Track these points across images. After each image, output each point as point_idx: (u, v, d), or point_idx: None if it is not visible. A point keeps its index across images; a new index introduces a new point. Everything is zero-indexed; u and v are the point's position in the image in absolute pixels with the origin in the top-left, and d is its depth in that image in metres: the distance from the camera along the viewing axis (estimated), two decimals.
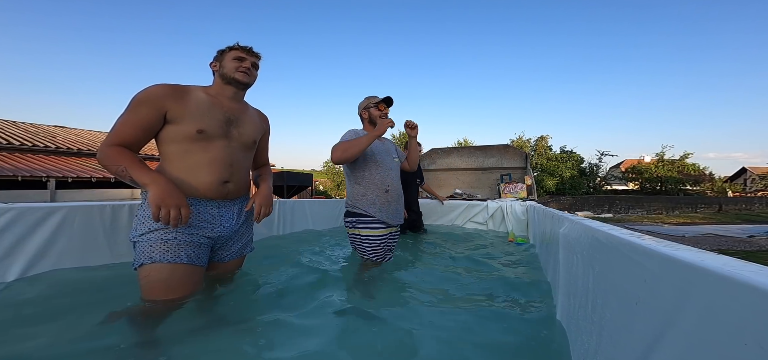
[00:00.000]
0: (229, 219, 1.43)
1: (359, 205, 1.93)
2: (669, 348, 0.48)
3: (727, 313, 0.39)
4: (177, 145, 1.28)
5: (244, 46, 1.43)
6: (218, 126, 1.33)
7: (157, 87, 1.24)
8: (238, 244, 1.53)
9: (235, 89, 1.42)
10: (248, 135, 1.45)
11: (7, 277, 1.45)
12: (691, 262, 0.45)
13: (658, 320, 0.51)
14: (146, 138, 1.25)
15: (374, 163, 1.95)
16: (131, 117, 1.21)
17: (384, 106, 2.02)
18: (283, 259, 2.15)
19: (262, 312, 1.27)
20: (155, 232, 1.23)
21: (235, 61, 1.40)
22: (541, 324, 1.22)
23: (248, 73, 1.42)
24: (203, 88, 1.39)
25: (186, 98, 1.28)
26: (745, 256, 4.61)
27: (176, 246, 1.24)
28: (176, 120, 1.26)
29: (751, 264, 0.42)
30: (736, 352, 0.37)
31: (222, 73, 1.40)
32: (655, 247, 0.55)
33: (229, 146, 1.37)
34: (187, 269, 1.26)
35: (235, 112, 1.41)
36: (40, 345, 0.98)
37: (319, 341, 1.06)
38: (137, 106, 1.21)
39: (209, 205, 1.36)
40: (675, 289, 0.48)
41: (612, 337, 0.68)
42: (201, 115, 1.29)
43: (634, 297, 0.59)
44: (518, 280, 1.86)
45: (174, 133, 1.27)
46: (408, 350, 1.04)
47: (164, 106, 1.23)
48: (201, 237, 1.33)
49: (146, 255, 1.21)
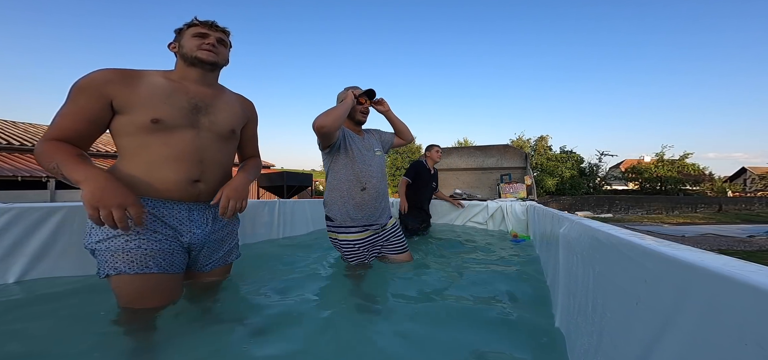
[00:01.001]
0: (202, 224, 1.25)
1: (331, 209, 1.86)
2: (669, 348, 0.48)
3: (727, 313, 0.39)
4: (131, 138, 1.11)
5: (205, 21, 1.24)
6: (182, 114, 1.15)
7: (99, 72, 1.08)
8: (220, 252, 1.37)
9: (202, 70, 1.23)
10: (223, 124, 1.26)
11: (8, 277, 1.45)
12: (691, 262, 0.45)
13: (659, 320, 0.51)
14: (91, 131, 1.09)
15: (350, 160, 1.84)
16: (70, 108, 1.05)
17: (365, 99, 1.90)
18: (275, 261, 2.14)
19: (249, 316, 1.23)
20: (114, 239, 1.07)
21: (195, 38, 1.21)
22: (541, 324, 1.22)
23: (213, 50, 1.22)
24: (163, 72, 1.21)
25: (136, 83, 1.12)
26: (745, 256, 4.61)
27: (142, 255, 1.09)
28: (126, 109, 1.09)
29: (751, 264, 0.42)
30: (737, 352, 0.37)
31: (182, 53, 1.22)
32: (655, 247, 0.55)
33: (197, 138, 1.18)
34: (160, 278, 1.13)
35: (205, 98, 1.23)
36: (35, 349, 0.98)
37: (306, 346, 1.06)
38: (76, 95, 1.05)
39: (177, 208, 1.19)
40: (675, 289, 0.48)
41: (612, 337, 0.68)
42: (157, 102, 1.12)
43: (634, 297, 0.59)
44: (518, 281, 1.86)
45: (125, 125, 1.11)
46: (405, 351, 1.03)
47: (108, 94, 1.07)
48: (170, 243, 1.17)
49: (110, 266, 1.07)
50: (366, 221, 1.89)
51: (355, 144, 1.89)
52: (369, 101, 1.94)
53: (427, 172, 3.48)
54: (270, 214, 2.97)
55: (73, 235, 1.63)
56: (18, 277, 1.46)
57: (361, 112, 1.93)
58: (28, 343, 0.99)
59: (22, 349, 0.96)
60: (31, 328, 1.09)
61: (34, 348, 0.97)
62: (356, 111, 1.91)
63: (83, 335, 1.05)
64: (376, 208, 1.92)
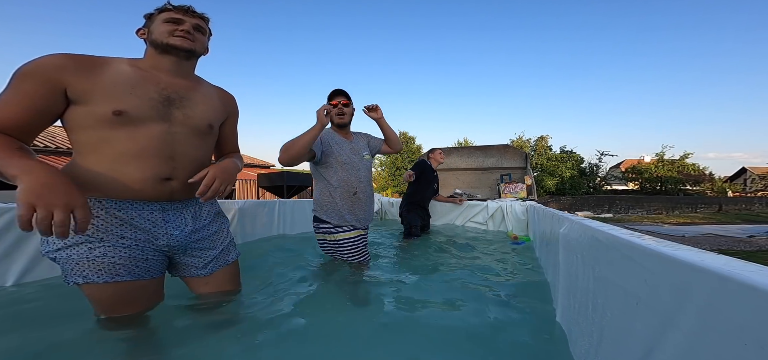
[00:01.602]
0: (180, 224, 1.15)
1: (325, 212, 1.86)
2: (669, 348, 0.48)
3: (727, 313, 0.39)
4: (90, 132, 0.99)
5: (180, 6, 1.14)
6: (150, 106, 1.04)
7: (51, 57, 0.95)
8: (213, 251, 1.25)
9: (176, 58, 1.12)
10: (199, 117, 1.15)
11: (7, 278, 1.45)
12: (691, 262, 0.45)
13: (659, 320, 0.51)
14: (36, 122, 0.95)
15: (340, 166, 1.83)
16: (12, 95, 0.91)
17: (337, 99, 1.87)
18: (276, 260, 2.14)
19: (256, 315, 1.25)
20: (75, 247, 0.97)
21: (167, 23, 1.10)
22: (541, 324, 1.22)
23: (189, 37, 1.12)
24: (131, 60, 1.10)
25: (96, 71, 0.99)
26: (745, 256, 4.61)
27: (110, 264, 1.00)
28: (83, 99, 0.97)
29: (751, 264, 0.42)
30: (737, 351, 0.37)
31: (151, 39, 1.10)
32: (655, 247, 0.55)
33: (168, 133, 1.07)
34: (134, 286, 1.05)
35: (179, 89, 1.12)
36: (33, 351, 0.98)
37: (313, 344, 1.06)
38: (21, 81, 0.92)
39: (148, 209, 1.08)
40: (675, 289, 0.48)
41: (612, 337, 0.68)
42: (121, 93, 1.00)
43: (635, 297, 0.59)
44: (518, 280, 1.86)
45: (83, 117, 0.98)
46: (405, 351, 1.04)
47: (61, 81, 0.94)
48: (143, 249, 1.06)
49: (77, 273, 0.98)
50: (359, 224, 1.92)
51: (343, 149, 1.87)
52: (342, 101, 1.89)
53: (431, 171, 3.53)
54: (270, 214, 2.97)
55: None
56: (16, 279, 1.47)
57: (337, 115, 1.88)
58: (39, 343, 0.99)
59: (25, 350, 0.96)
60: (24, 333, 1.09)
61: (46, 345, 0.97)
62: (333, 117, 1.88)
63: (78, 338, 1.05)
64: (366, 212, 1.95)
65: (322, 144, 1.81)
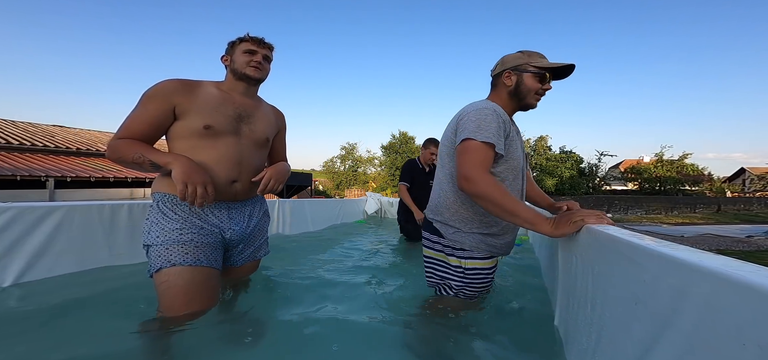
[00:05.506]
0: (240, 222, 1.37)
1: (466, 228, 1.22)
2: (668, 348, 0.48)
3: (726, 313, 0.39)
4: (185, 141, 1.24)
5: (255, 38, 1.36)
6: (227, 122, 1.28)
7: (168, 82, 1.23)
8: (251, 247, 1.46)
9: (247, 84, 1.36)
10: (260, 132, 1.39)
11: (6, 278, 1.44)
12: (690, 262, 0.45)
13: (658, 320, 0.51)
14: (155, 134, 1.23)
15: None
16: (141, 113, 1.19)
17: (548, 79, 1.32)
18: (278, 260, 2.14)
19: (276, 316, 1.27)
20: (171, 233, 1.18)
21: (245, 54, 1.34)
22: (540, 324, 1.22)
23: (259, 68, 1.35)
24: (216, 83, 1.35)
25: (195, 93, 1.25)
26: (743, 256, 4.61)
27: (195, 248, 1.19)
28: (184, 115, 1.23)
29: (750, 264, 0.42)
30: (736, 352, 0.37)
31: (233, 68, 1.34)
32: (654, 247, 0.55)
33: (238, 143, 1.31)
34: (207, 273, 1.21)
35: (247, 108, 1.35)
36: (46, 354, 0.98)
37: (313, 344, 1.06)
38: (147, 102, 1.20)
39: (218, 207, 1.30)
40: (674, 289, 0.48)
41: (611, 337, 0.68)
42: (210, 111, 1.25)
43: (634, 297, 0.59)
44: (516, 281, 1.86)
45: (182, 129, 1.24)
46: (405, 351, 1.04)
47: (173, 101, 1.21)
48: (215, 239, 1.27)
49: (164, 258, 1.16)
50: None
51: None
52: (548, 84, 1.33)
53: (420, 172, 3.14)
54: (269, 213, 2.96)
55: (72, 235, 1.63)
56: (15, 278, 1.46)
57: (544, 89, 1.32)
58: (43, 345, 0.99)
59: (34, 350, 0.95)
60: (32, 336, 1.08)
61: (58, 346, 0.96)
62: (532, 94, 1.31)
63: (92, 341, 1.05)
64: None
65: None
